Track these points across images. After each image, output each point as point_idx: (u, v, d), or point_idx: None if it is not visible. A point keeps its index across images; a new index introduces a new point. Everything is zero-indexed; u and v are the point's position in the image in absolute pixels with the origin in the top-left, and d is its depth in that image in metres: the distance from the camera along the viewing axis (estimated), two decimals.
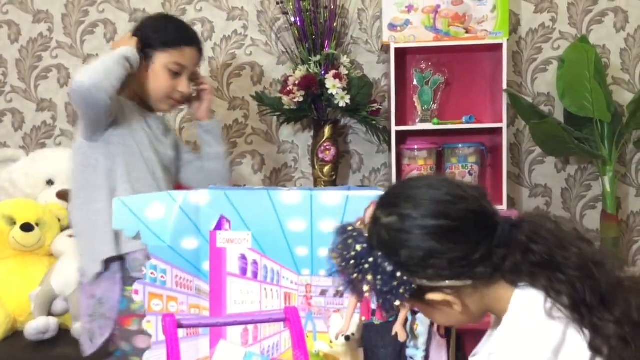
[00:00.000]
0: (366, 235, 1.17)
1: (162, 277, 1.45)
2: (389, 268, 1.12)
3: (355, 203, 1.46)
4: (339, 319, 1.48)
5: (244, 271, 1.50)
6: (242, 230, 1.49)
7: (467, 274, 1.13)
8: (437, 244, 1.11)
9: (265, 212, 1.48)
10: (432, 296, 1.15)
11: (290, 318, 1.40)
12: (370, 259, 1.13)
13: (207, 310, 1.51)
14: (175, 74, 2.04)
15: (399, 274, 1.12)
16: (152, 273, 1.44)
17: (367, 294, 1.14)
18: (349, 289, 1.18)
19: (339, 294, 1.50)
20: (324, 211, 1.48)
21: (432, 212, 1.13)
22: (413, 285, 1.13)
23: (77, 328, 2.32)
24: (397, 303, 1.13)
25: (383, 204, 1.20)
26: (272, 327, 1.51)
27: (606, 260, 1.15)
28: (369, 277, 1.13)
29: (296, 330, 1.40)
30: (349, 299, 1.47)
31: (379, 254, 1.13)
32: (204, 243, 1.50)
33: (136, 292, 1.43)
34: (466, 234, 1.12)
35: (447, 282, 1.13)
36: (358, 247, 1.15)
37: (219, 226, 1.50)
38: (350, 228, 1.19)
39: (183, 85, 2.06)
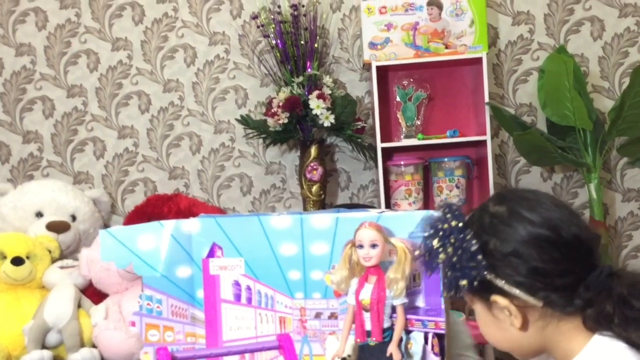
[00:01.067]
0: (466, 217, 1.17)
1: (157, 307, 1.45)
2: (474, 248, 1.11)
3: (345, 225, 1.47)
4: (334, 341, 1.49)
5: (238, 297, 1.51)
6: (235, 256, 1.50)
7: (541, 294, 1.10)
8: (530, 249, 1.09)
9: (256, 238, 1.49)
10: (497, 298, 1.12)
11: (283, 345, 1.41)
12: (460, 236, 1.12)
13: (204, 338, 1.51)
14: None
15: (479, 257, 1.11)
16: (148, 304, 1.44)
17: (440, 262, 1.14)
18: (426, 258, 1.17)
19: (333, 316, 1.51)
20: (314, 234, 1.48)
21: (543, 220, 1.11)
22: (487, 276, 1.11)
23: None
24: (464, 282, 1.12)
25: (496, 198, 1.20)
26: (269, 353, 1.52)
27: None
28: (450, 250, 1.13)
29: (290, 357, 1.40)
30: (344, 321, 1.48)
31: (471, 233, 1.13)
32: (197, 271, 1.50)
33: (133, 324, 1.43)
34: (563, 255, 1.10)
35: (518, 291, 1.10)
36: (454, 223, 1.14)
37: (211, 253, 1.50)
38: (455, 207, 1.17)
39: None
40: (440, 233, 1.15)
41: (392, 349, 1.42)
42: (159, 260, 1.46)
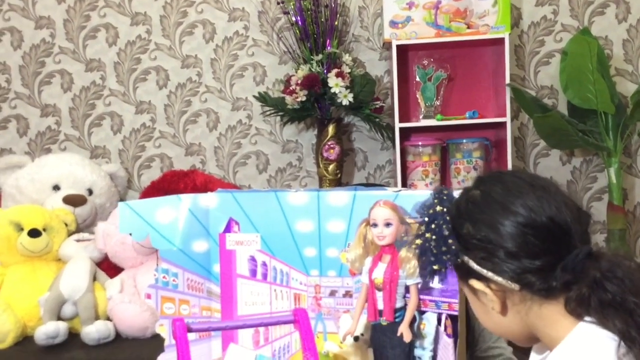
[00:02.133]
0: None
1: (174, 280, 1.45)
2: (446, 232, 1.13)
3: (362, 202, 1.45)
4: (348, 320, 1.48)
5: (253, 273, 1.50)
6: (251, 232, 1.49)
7: (516, 278, 1.08)
8: (502, 234, 1.08)
9: (273, 214, 1.48)
10: (474, 282, 1.12)
11: (299, 319, 1.40)
12: (440, 221, 1.14)
13: (219, 312, 1.51)
14: None
15: (450, 241, 1.12)
16: (164, 277, 1.44)
17: (414, 246, 1.17)
18: (411, 239, 1.21)
19: (348, 295, 1.50)
20: (331, 211, 1.47)
21: (515, 204, 1.09)
22: (459, 260, 1.12)
23: (87, 332, 2.33)
24: (436, 267, 1.14)
25: (476, 181, 1.19)
26: (283, 328, 1.52)
27: None
28: (428, 235, 1.14)
29: (305, 331, 1.39)
30: (357, 300, 1.47)
31: (447, 218, 1.14)
32: (214, 245, 1.50)
33: (149, 297, 1.43)
34: (536, 238, 1.08)
35: (493, 275, 1.09)
36: (438, 208, 1.16)
37: (228, 228, 1.50)
38: (445, 191, 1.18)
39: None
40: (426, 219, 1.16)
41: (402, 328, 1.42)
42: (176, 233, 1.45)
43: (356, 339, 1.46)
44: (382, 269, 1.43)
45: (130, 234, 1.45)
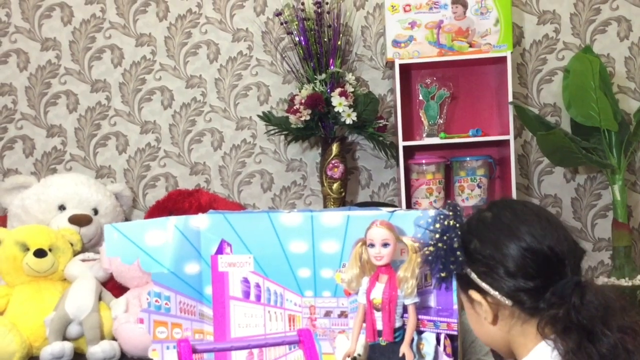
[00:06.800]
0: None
1: (166, 304, 1.45)
2: (456, 245, 1.27)
3: (356, 223, 1.46)
4: (344, 340, 1.48)
5: (246, 294, 1.51)
6: (244, 253, 1.50)
7: (510, 294, 1.19)
8: (504, 254, 1.19)
9: (266, 235, 1.48)
10: (473, 293, 1.24)
11: (304, 340, 1.41)
12: (452, 235, 1.29)
13: (211, 335, 1.51)
14: None
15: (458, 253, 1.26)
16: (156, 300, 1.44)
17: (427, 252, 1.33)
18: (424, 248, 1.36)
19: (343, 315, 1.50)
20: (325, 232, 1.48)
21: (522, 230, 1.20)
22: (463, 270, 1.25)
23: (92, 352, 2.33)
24: (443, 274, 1.29)
25: (489, 204, 1.32)
26: (278, 350, 1.52)
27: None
28: (440, 245, 1.30)
29: (310, 352, 1.40)
30: (354, 320, 1.47)
31: (459, 232, 1.29)
32: (206, 267, 1.50)
33: (141, 321, 1.43)
34: (534, 262, 1.18)
35: (489, 288, 1.20)
36: (452, 222, 1.31)
37: (220, 250, 1.50)
38: (458, 209, 1.34)
39: None
40: (439, 230, 1.31)
41: (404, 349, 1.41)
42: (168, 256, 1.45)
43: (354, 359, 1.46)
44: (380, 289, 1.43)
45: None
